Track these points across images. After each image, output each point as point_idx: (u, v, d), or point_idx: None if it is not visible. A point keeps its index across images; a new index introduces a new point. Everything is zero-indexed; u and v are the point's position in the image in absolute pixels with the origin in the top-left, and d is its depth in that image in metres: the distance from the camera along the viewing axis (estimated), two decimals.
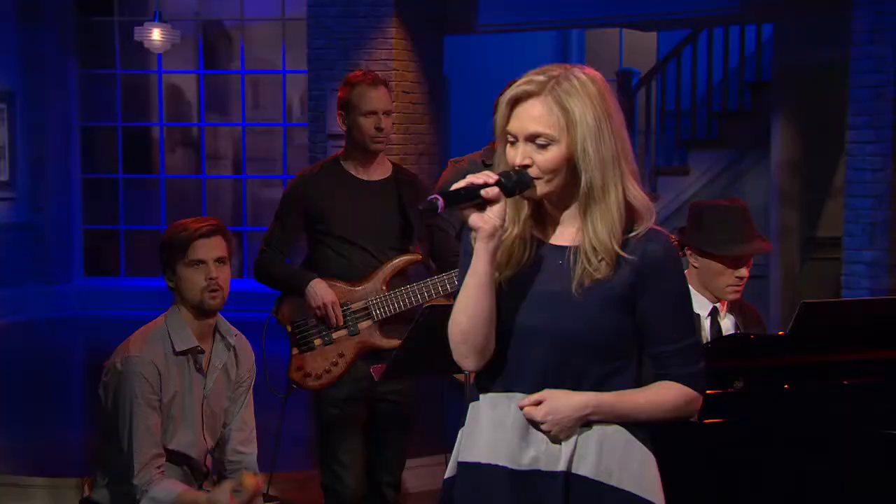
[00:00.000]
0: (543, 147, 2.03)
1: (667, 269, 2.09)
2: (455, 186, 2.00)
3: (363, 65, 8.31)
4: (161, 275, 3.31)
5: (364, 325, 3.68)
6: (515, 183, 2.03)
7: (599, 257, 2.04)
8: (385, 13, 8.31)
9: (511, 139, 2.07)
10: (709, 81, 9.20)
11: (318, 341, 3.68)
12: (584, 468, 2.07)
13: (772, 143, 8.48)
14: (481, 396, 2.15)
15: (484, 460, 2.12)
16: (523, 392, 2.09)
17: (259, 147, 10.98)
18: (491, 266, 2.05)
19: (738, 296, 3.25)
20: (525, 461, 2.08)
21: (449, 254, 3.70)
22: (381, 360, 3.58)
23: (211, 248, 3.21)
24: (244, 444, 3.40)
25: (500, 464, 2.09)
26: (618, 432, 2.09)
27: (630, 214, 2.07)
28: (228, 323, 3.37)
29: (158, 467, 3.14)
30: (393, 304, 3.67)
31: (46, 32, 10.45)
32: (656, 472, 2.14)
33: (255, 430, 3.44)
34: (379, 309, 3.67)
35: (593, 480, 2.06)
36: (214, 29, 11.07)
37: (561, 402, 2.04)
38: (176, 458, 3.24)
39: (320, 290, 3.63)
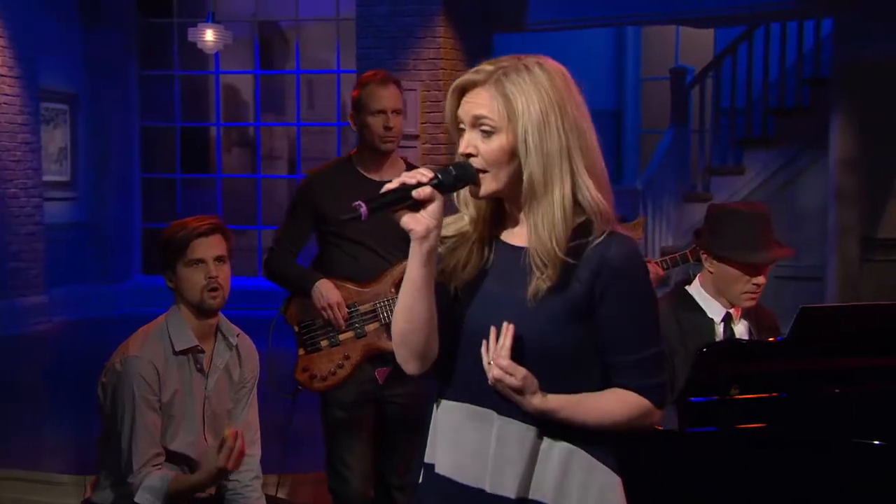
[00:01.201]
0: (487, 135, 1.95)
1: (626, 277, 1.96)
2: (387, 187, 1.92)
3: (411, 64, 8.31)
4: None
5: (371, 327, 3.64)
6: (455, 178, 1.94)
7: (544, 261, 1.94)
8: (433, 12, 8.27)
9: (461, 127, 1.99)
10: (765, 78, 8.98)
11: (324, 342, 3.66)
12: (541, 493, 1.98)
13: (830, 141, 8.26)
14: (440, 402, 2.09)
15: (437, 468, 2.07)
16: (475, 404, 2.01)
17: (314, 147, 11.05)
18: (426, 268, 1.96)
19: (753, 303, 3.15)
20: (472, 480, 2.01)
21: None
22: (388, 363, 3.55)
23: (210, 247, 3.20)
24: (248, 445, 3.36)
25: (450, 476, 2.04)
26: (579, 456, 2.00)
27: (587, 217, 1.97)
28: (230, 323, 3.36)
29: (156, 465, 3.14)
30: None
31: (108, 35, 10.65)
32: (620, 495, 2.05)
33: (259, 432, 3.41)
34: (387, 311, 3.63)
35: None
36: (270, 29, 11.16)
37: (523, 396, 1.93)
38: (176, 458, 3.22)
39: (326, 291, 3.60)
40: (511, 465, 1.97)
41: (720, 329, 3.17)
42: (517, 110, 1.93)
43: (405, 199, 1.91)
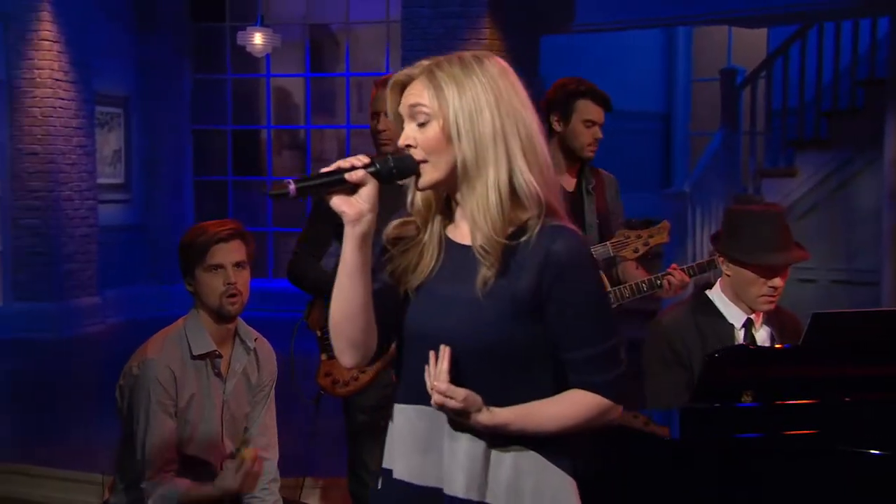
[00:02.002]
0: (423, 125, 1.98)
1: (573, 271, 1.95)
2: (322, 170, 1.95)
3: None
4: (267, 275, 3.30)
5: None
6: (392, 168, 1.96)
7: (485, 248, 1.95)
8: (478, 14, 8.25)
9: (403, 124, 2.03)
10: (818, 79, 8.81)
11: None
12: (493, 496, 1.98)
13: (885, 143, 8.06)
14: (395, 406, 2.10)
15: (395, 473, 2.08)
16: (426, 404, 2.00)
17: (364, 149, 10.91)
18: (360, 252, 1.96)
19: (771, 307, 3.09)
20: (429, 481, 2.01)
21: None
22: None
23: (229, 253, 3.19)
24: (266, 448, 3.38)
25: (407, 479, 2.04)
26: (532, 458, 2.00)
27: (530, 215, 1.97)
28: (248, 326, 3.36)
29: (170, 471, 3.15)
30: None
31: (161, 39, 10.78)
32: (574, 497, 2.03)
33: (276, 436, 3.42)
34: None
35: None
36: (321, 32, 11.22)
37: (469, 417, 1.94)
38: (193, 462, 3.23)
39: None
40: (463, 467, 1.98)
41: (741, 335, 3.11)
42: (447, 96, 1.95)
43: (339, 183, 1.93)
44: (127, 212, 10.66)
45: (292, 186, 1.88)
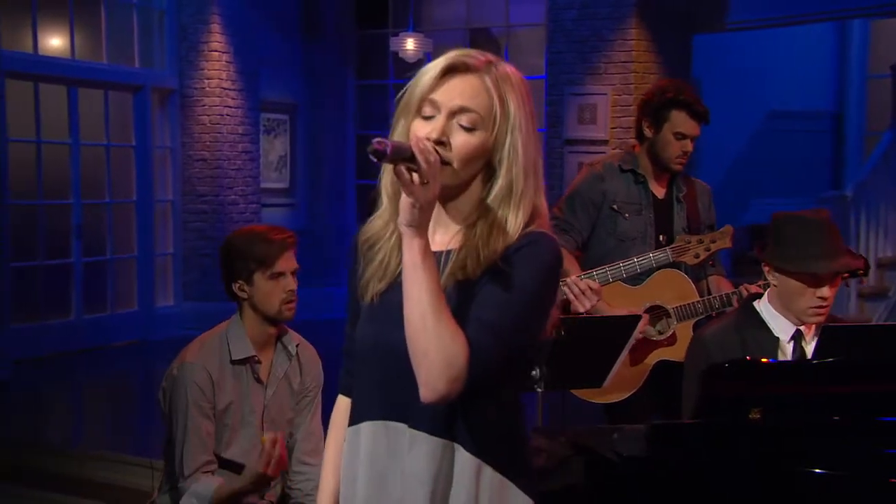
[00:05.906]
0: (468, 130, 1.81)
1: (527, 250, 1.80)
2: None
3: (601, 68, 8.08)
4: None
5: None
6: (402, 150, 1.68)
7: (478, 262, 1.80)
8: (626, 14, 8.01)
9: (428, 113, 1.83)
10: None
11: None
12: None
13: None
14: (351, 428, 1.97)
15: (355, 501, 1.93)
16: (386, 419, 1.87)
17: None
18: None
19: (821, 319, 2.85)
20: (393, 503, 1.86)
21: None
22: None
23: (289, 261, 3.26)
24: (310, 454, 3.37)
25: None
26: (489, 474, 1.85)
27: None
28: (292, 332, 3.36)
29: (207, 473, 3.16)
30: None
31: (328, 46, 11.02)
32: None
33: (322, 440, 3.38)
34: None
35: None
36: (481, 36, 11.17)
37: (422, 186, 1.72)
38: (233, 467, 3.23)
39: None
40: (423, 484, 1.83)
41: (789, 348, 2.89)
42: (509, 112, 1.82)
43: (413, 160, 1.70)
44: (291, 215, 10.94)
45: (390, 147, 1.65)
